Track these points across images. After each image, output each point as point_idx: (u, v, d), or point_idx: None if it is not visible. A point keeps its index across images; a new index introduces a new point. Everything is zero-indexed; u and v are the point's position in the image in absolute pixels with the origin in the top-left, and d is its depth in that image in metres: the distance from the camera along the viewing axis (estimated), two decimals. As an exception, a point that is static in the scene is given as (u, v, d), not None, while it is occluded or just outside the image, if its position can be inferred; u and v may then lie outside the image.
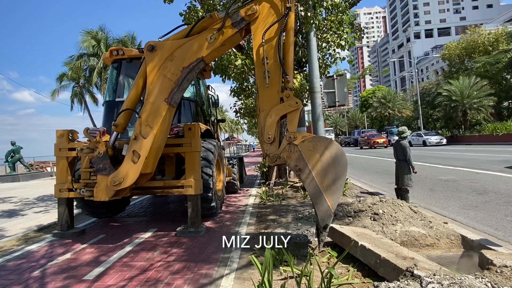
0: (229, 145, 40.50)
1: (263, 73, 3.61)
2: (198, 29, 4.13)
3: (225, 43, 4.03)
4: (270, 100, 3.63)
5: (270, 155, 3.54)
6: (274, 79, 3.62)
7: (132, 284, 3.09)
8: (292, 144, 3.44)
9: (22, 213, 7.13)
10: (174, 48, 4.08)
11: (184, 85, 4.18)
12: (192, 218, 4.73)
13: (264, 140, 3.56)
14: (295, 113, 3.56)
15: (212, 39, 3.95)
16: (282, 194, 7.64)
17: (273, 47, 3.64)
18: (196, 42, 4.05)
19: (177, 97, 4.17)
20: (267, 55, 3.62)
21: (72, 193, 4.82)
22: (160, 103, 4.03)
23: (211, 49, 3.99)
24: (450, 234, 3.91)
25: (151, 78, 4.08)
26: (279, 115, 3.57)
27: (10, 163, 17.88)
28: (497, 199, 6.20)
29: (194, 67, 4.08)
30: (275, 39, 3.64)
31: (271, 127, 3.55)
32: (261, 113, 3.65)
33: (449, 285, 2.16)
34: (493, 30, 35.21)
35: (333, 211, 3.28)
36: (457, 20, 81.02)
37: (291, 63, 3.72)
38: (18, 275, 3.46)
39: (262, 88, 3.66)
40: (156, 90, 4.04)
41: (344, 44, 8.03)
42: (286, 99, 3.57)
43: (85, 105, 26.93)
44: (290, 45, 3.69)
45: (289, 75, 3.62)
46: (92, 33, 25.00)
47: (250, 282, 2.95)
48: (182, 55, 4.05)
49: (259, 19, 3.76)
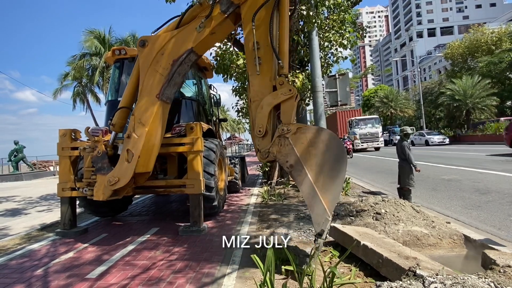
0: (231, 145, 40.52)
1: (254, 59, 3.27)
2: (188, 18, 3.92)
3: (215, 31, 3.77)
4: (261, 89, 3.27)
5: (262, 150, 3.19)
6: (266, 66, 3.27)
7: (134, 283, 3.10)
8: (283, 136, 3.06)
9: (25, 212, 7.17)
10: (165, 41, 3.92)
11: (176, 79, 4.01)
12: (194, 217, 4.73)
13: (255, 134, 3.23)
14: (289, 101, 3.15)
15: (201, 28, 3.72)
16: (284, 194, 7.63)
17: (265, 31, 3.26)
18: (184, 32, 3.86)
19: (169, 92, 4.02)
20: (258, 39, 3.26)
21: (75, 192, 4.84)
22: (152, 100, 3.93)
23: (200, 39, 3.77)
24: (452, 234, 3.89)
25: (143, 74, 3.99)
26: (271, 105, 3.19)
27: (13, 162, 17.98)
28: (500, 199, 6.17)
29: (184, 60, 3.90)
30: (266, 22, 3.26)
31: (262, 119, 3.20)
32: (252, 104, 3.32)
33: (452, 285, 2.15)
34: (496, 29, 35.03)
35: (330, 214, 2.82)
36: (460, 19, 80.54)
37: (286, 48, 3.37)
38: (21, 273, 3.48)
39: (253, 76, 3.32)
40: (147, 86, 3.95)
41: (346, 43, 8.01)
42: (279, 87, 3.18)
43: (87, 104, 27.01)
44: (284, 28, 3.34)
45: (283, 61, 3.23)
46: (95, 32, 25.05)
47: (252, 281, 2.95)
48: (171, 47, 3.89)
49: (249, 1, 3.43)
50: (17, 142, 17.99)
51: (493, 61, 30.00)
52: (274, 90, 3.24)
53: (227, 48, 8.02)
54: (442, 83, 37.27)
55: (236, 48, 8.32)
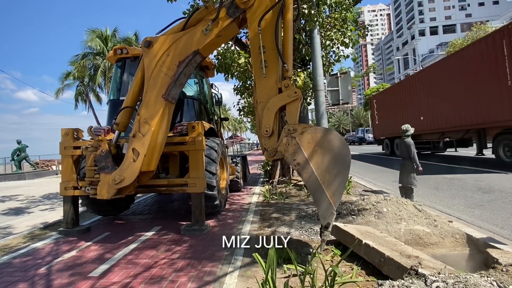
0: (233, 144, 40.54)
1: (260, 62, 3.42)
2: (194, 21, 4.01)
3: (221, 34, 3.87)
4: (267, 91, 3.44)
5: (268, 149, 3.36)
6: (272, 69, 3.43)
7: (136, 281, 3.11)
8: (290, 136, 3.23)
9: (28, 211, 7.21)
10: (170, 42, 3.99)
11: (181, 80, 4.09)
12: (196, 216, 4.75)
13: (262, 133, 3.39)
14: (295, 103, 3.34)
15: (207, 31, 3.82)
16: (286, 193, 7.63)
17: (270, 35, 3.40)
18: (191, 35, 3.93)
19: (174, 92, 4.08)
20: (264, 43, 3.40)
21: (77, 191, 4.86)
22: (157, 100, 3.98)
23: (207, 41, 3.85)
24: (455, 232, 3.88)
25: (149, 74, 4.03)
26: (277, 107, 3.36)
27: (16, 161, 18.08)
28: (502, 197, 6.14)
29: (190, 61, 3.97)
30: (272, 26, 3.41)
31: (269, 119, 3.37)
32: (259, 105, 3.47)
33: (454, 284, 2.14)
34: (499, 27, 34.80)
35: (336, 209, 3.08)
36: (462, 17, 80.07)
37: (290, 51, 3.52)
38: (24, 272, 3.50)
39: (259, 79, 3.48)
40: (153, 87, 4.00)
41: (348, 42, 7.99)
42: (284, 89, 3.36)
43: (89, 104, 27.10)
44: (288, 32, 3.49)
45: (287, 64, 3.40)
46: (97, 32, 25.09)
47: (254, 280, 2.95)
48: (177, 49, 3.96)
49: (255, 6, 3.55)
50: (20, 141, 18.09)
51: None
52: (279, 92, 3.40)
53: (229, 47, 8.01)
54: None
55: (237, 47, 8.31)
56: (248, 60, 7.21)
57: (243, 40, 8.90)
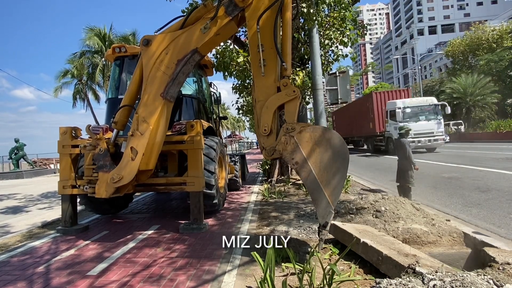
0: (231, 143, 40.50)
1: (259, 61, 3.41)
2: (192, 19, 4.01)
3: (220, 32, 3.87)
4: (266, 90, 3.43)
5: (267, 148, 3.36)
6: (271, 68, 3.42)
7: (135, 280, 3.11)
8: (288, 135, 3.22)
9: (26, 210, 7.19)
10: (169, 41, 3.98)
11: (180, 79, 4.08)
12: (194, 215, 4.75)
13: (261, 132, 3.38)
14: (293, 102, 3.34)
15: (206, 29, 3.80)
16: (284, 191, 7.65)
17: (269, 33, 3.40)
18: (189, 33, 3.92)
19: (173, 91, 4.07)
20: (263, 42, 3.39)
21: (76, 189, 4.85)
22: (156, 98, 3.97)
23: (205, 40, 3.84)
24: (452, 231, 3.90)
25: (147, 72, 4.02)
26: (276, 105, 3.36)
27: (14, 160, 18.01)
28: (500, 196, 6.18)
29: (188, 60, 3.97)
30: (271, 25, 3.41)
31: (267, 118, 3.37)
32: (257, 104, 3.47)
33: (451, 282, 2.16)
34: (498, 27, 34.88)
35: (334, 208, 3.09)
36: (461, 17, 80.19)
37: (289, 50, 3.50)
38: (22, 270, 3.50)
39: (257, 78, 3.48)
40: (151, 85, 3.98)
41: (346, 41, 7.99)
42: (283, 88, 3.35)
43: (87, 102, 26.98)
44: (287, 31, 3.48)
45: (286, 62, 3.38)
46: (95, 30, 24.97)
47: (252, 279, 2.96)
48: (176, 47, 3.95)
49: (254, 4, 3.55)
50: (17, 140, 18.00)
51: (493, 59, 29.94)
52: (278, 91, 3.39)
53: (227, 45, 8.00)
54: (443, 81, 37.17)
55: (236, 46, 8.30)
56: (247, 58, 7.20)
57: (242, 39, 8.88)
